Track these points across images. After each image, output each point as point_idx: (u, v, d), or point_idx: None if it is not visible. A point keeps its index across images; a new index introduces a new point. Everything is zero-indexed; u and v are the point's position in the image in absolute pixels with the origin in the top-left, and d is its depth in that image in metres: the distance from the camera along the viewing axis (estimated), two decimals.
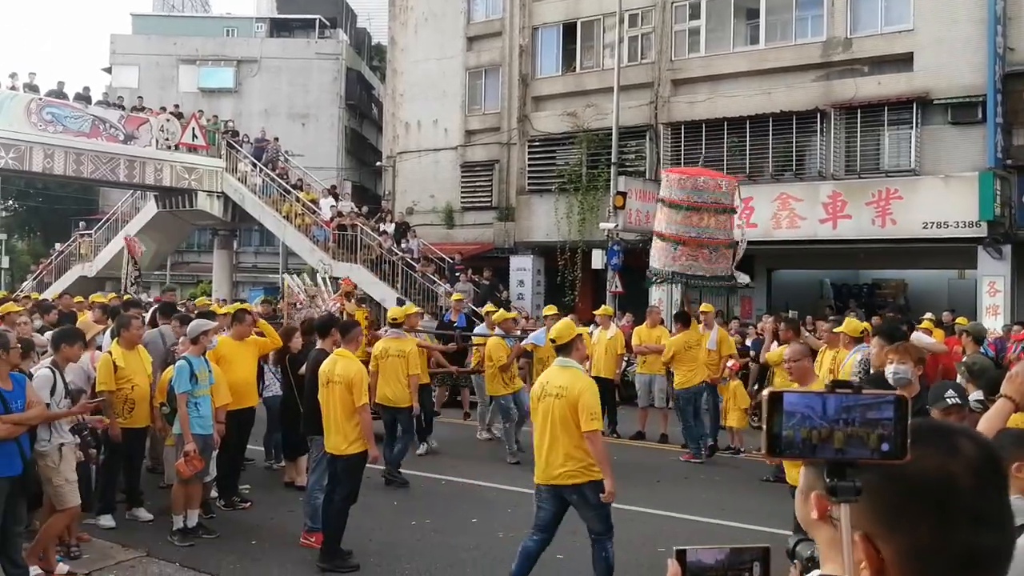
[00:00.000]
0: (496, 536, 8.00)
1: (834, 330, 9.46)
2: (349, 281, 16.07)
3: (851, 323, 9.23)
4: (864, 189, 18.95)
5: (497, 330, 12.32)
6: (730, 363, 11.90)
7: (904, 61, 19.13)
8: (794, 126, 19.91)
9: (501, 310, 13.28)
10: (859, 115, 19.29)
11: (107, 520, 8.01)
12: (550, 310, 13.10)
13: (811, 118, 19.77)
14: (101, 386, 7.90)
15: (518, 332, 13.02)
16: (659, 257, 14.99)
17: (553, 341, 6.20)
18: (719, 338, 12.11)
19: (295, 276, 14.54)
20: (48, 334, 8.44)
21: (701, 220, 14.55)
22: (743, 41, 21.48)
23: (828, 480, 1.21)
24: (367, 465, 7.54)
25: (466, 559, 7.33)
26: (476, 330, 13.99)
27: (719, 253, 14.66)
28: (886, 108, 19.04)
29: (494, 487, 9.93)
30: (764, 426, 1.23)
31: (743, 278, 15.49)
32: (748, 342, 15.01)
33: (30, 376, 6.58)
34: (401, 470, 10.16)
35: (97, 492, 8.19)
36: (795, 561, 1.75)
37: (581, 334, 6.44)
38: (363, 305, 15.56)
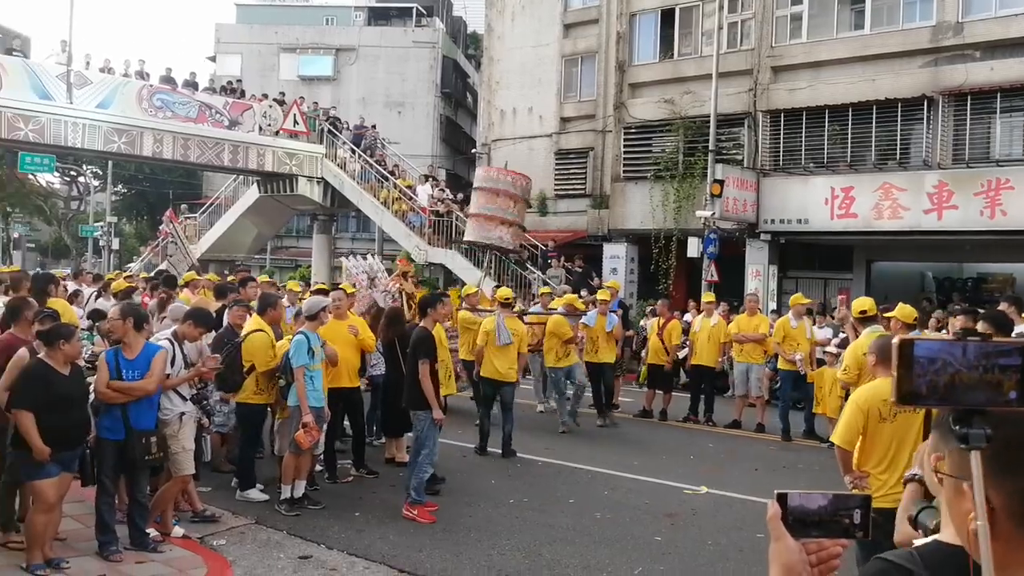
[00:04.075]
0: (593, 516, 8.06)
1: (886, 314, 8.99)
2: (405, 261, 16.59)
3: (903, 309, 8.68)
4: (973, 179, 18.22)
5: (560, 308, 12.97)
6: (832, 349, 11.80)
7: (1019, 45, 18.25)
8: (899, 114, 19.24)
9: (570, 294, 14.04)
10: (969, 102, 18.52)
11: (256, 494, 8.27)
12: (603, 295, 13.28)
13: (917, 105, 19.07)
14: (263, 367, 8.13)
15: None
16: (473, 231, 19.78)
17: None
18: (810, 327, 12.42)
19: (352, 258, 14.79)
20: (173, 307, 8.80)
21: (506, 204, 19.26)
22: (847, 27, 20.85)
23: (957, 428, 1.22)
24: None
25: (564, 538, 7.40)
26: (531, 309, 14.64)
27: (517, 231, 19.81)
28: (999, 94, 18.24)
29: (591, 469, 9.98)
30: (895, 375, 1.24)
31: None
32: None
33: None
34: (492, 449, 10.64)
35: (220, 462, 8.72)
36: (919, 529, 1.75)
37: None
38: (420, 286, 15.88)
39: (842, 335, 13.83)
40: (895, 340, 1.26)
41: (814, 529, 1.41)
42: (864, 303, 8.21)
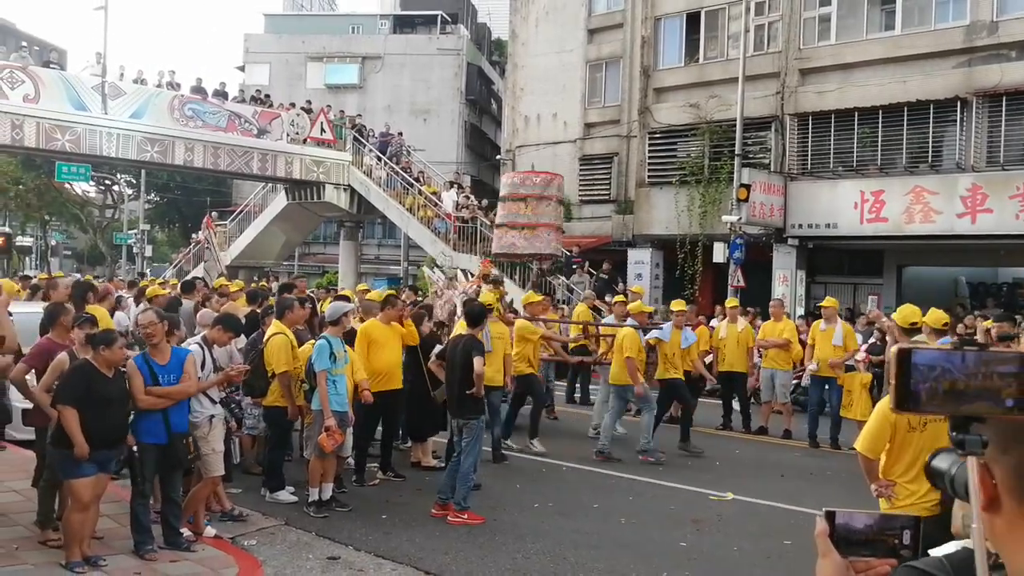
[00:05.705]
0: (618, 521, 8.07)
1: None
2: (488, 263, 16.45)
3: (933, 314, 8.39)
4: (1008, 182, 17.96)
5: (630, 320, 11.51)
6: (860, 355, 11.66)
7: None
8: (931, 116, 19.02)
9: (639, 301, 12.56)
10: (1004, 103, 18.26)
11: (286, 495, 8.37)
12: (678, 305, 12.11)
13: (950, 107, 18.85)
14: (284, 367, 8.14)
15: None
16: (498, 242, 19.27)
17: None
18: (844, 333, 12.01)
19: (432, 267, 15.09)
20: (202, 312, 8.93)
21: (535, 207, 18.55)
22: (877, 27, 20.66)
23: (953, 434, 1.24)
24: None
25: (589, 543, 7.41)
26: (604, 320, 14.01)
27: (551, 235, 19.22)
28: None
29: (615, 475, 9.99)
30: (893, 382, 1.26)
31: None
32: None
33: None
34: (522, 455, 10.68)
35: (251, 464, 8.81)
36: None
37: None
38: (500, 286, 15.62)
39: (871, 340, 13.71)
40: (892, 348, 1.29)
41: (861, 548, 1.42)
42: (942, 316, 7.74)
